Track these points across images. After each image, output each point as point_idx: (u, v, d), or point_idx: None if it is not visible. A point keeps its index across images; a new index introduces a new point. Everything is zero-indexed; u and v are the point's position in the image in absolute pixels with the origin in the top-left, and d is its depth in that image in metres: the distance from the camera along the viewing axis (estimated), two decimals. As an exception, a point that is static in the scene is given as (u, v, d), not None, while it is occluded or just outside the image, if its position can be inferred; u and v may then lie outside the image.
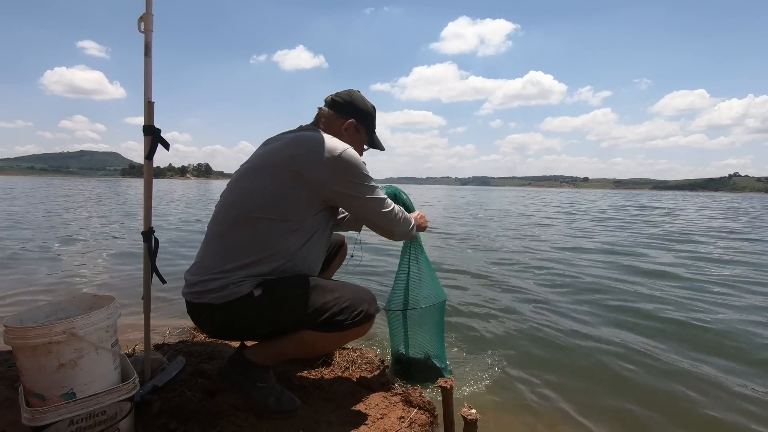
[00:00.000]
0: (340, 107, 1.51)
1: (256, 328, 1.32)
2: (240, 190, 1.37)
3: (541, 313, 2.96)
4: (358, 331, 1.33)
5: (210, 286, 1.26)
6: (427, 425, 1.39)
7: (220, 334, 1.38)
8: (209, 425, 1.29)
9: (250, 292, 1.24)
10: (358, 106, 1.53)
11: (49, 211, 10.65)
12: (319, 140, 1.32)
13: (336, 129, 1.48)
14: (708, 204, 26.71)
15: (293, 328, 1.30)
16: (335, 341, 1.35)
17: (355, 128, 1.51)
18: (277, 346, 1.33)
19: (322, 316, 1.27)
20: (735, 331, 2.61)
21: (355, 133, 1.52)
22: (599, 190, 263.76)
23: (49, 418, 1.03)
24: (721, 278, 4.16)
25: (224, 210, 1.37)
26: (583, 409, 1.72)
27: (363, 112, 1.54)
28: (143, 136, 1.36)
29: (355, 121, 1.51)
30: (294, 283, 1.30)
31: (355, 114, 1.52)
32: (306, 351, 1.38)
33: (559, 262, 4.88)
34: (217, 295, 1.25)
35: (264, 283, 1.27)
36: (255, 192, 1.32)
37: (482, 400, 1.76)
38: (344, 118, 1.50)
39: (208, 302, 1.26)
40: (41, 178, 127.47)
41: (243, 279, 1.26)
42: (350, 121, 1.50)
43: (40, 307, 1.24)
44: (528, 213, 13.92)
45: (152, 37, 1.36)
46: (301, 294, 1.27)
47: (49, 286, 3.46)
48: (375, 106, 1.59)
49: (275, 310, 1.27)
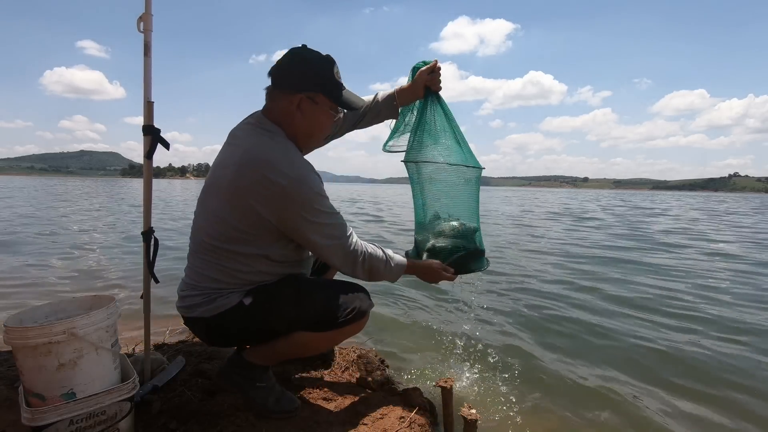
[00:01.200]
0: (282, 83, 1.24)
1: (251, 334, 1.32)
2: (205, 214, 1.25)
3: (540, 311, 2.96)
4: (352, 328, 1.30)
5: (197, 300, 1.25)
6: (427, 425, 1.39)
7: (217, 342, 1.38)
8: (209, 425, 1.29)
9: (240, 302, 1.23)
10: (300, 70, 1.23)
11: (50, 210, 10.65)
12: (267, 163, 1.15)
13: (287, 111, 1.24)
14: (699, 205, 26.60)
15: (287, 330, 1.29)
16: (330, 340, 1.33)
17: (309, 102, 1.24)
18: (274, 348, 1.33)
19: (313, 317, 1.25)
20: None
21: (312, 107, 1.24)
22: (599, 190, 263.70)
23: (49, 418, 1.03)
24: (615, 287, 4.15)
25: (195, 230, 1.29)
26: (584, 408, 1.73)
27: (311, 77, 1.23)
28: (143, 136, 1.36)
29: (303, 95, 1.23)
30: (283, 285, 1.27)
31: (303, 84, 1.23)
32: (301, 351, 1.37)
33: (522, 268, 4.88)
34: (207, 308, 1.23)
35: (253, 290, 1.25)
36: (215, 219, 1.21)
37: (482, 399, 1.76)
38: (291, 95, 1.23)
39: (199, 316, 1.25)
40: (42, 178, 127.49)
41: (231, 291, 1.24)
42: (298, 96, 1.22)
43: (39, 307, 1.24)
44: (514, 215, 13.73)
45: (152, 37, 1.36)
46: (291, 296, 1.25)
47: (48, 287, 3.46)
48: (329, 56, 1.25)
49: (267, 316, 1.25)
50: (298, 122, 1.25)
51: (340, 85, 1.27)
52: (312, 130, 1.29)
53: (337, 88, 1.27)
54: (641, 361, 2.20)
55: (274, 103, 1.26)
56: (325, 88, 1.25)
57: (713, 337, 2.54)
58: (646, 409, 1.73)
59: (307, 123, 1.26)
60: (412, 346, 2.33)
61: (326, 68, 1.24)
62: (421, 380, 1.92)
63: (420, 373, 2.00)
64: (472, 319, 2.81)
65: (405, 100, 1.58)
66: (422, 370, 2.03)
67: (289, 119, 1.25)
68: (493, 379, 1.95)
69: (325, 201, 1.22)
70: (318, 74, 1.23)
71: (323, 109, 1.27)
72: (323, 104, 1.26)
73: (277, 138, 1.23)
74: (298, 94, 1.23)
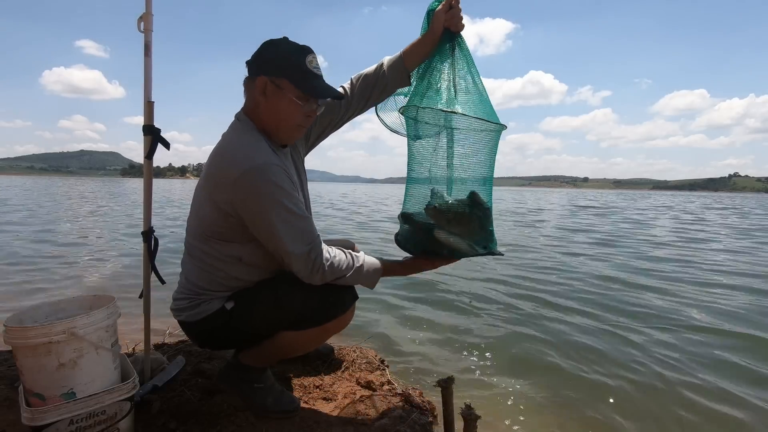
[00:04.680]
0: (250, 66, 1.20)
1: (237, 338, 1.32)
2: (190, 214, 1.28)
3: (541, 310, 2.96)
4: (335, 324, 1.28)
5: (183, 305, 1.27)
6: (427, 425, 1.39)
7: (206, 345, 1.40)
8: (209, 425, 1.29)
9: (222, 307, 1.24)
10: (267, 55, 1.18)
11: (50, 210, 10.65)
12: (224, 155, 1.16)
13: (254, 99, 1.21)
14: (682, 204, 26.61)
15: (271, 331, 1.28)
16: (315, 337, 1.32)
17: (274, 87, 1.17)
18: (263, 349, 1.33)
19: (294, 316, 1.24)
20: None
21: (276, 93, 1.17)
22: (599, 190, 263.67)
23: (49, 418, 1.03)
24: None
25: (186, 231, 1.31)
26: (584, 408, 1.72)
27: (274, 60, 1.17)
28: (143, 135, 1.37)
29: (267, 79, 1.17)
30: (263, 287, 1.26)
31: (268, 68, 1.17)
32: (289, 351, 1.36)
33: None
34: (191, 313, 1.25)
35: (235, 294, 1.25)
36: (195, 217, 1.25)
37: (482, 399, 1.76)
38: (257, 79, 1.18)
39: (185, 320, 1.28)
40: (42, 178, 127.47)
41: (212, 297, 1.25)
42: (263, 80, 1.17)
43: (39, 306, 1.24)
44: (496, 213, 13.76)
45: (152, 36, 1.36)
46: (270, 297, 1.24)
47: (47, 287, 3.46)
48: (306, 46, 1.19)
49: (249, 319, 1.25)
50: (263, 110, 1.20)
51: (311, 73, 1.18)
52: (278, 119, 1.21)
53: (306, 76, 1.18)
54: (644, 360, 2.20)
55: (247, 93, 1.24)
56: (290, 73, 1.17)
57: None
58: (652, 406, 1.73)
59: (272, 110, 1.19)
60: (412, 346, 2.33)
61: (295, 55, 1.17)
62: (421, 380, 1.92)
63: (420, 373, 2.00)
64: (473, 318, 2.81)
65: (417, 57, 1.34)
66: (422, 370, 2.03)
67: (256, 107, 1.21)
68: (493, 378, 1.95)
69: (284, 194, 1.13)
70: (285, 59, 1.17)
71: (288, 96, 1.18)
72: (288, 91, 1.17)
73: (245, 130, 1.21)
74: (264, 77, 1.17)
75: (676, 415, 1.70)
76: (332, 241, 1.72)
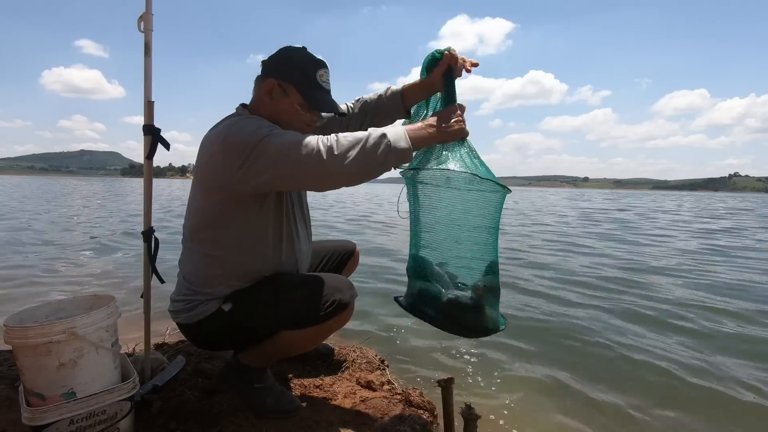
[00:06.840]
0: (264, 67, 1.25)
1: (236, 339, 1.32)
2: (186, 211, 1.29)
3: (541, 312, 2.96)
4: (334, 322, 1.26)
5: (179, 307, 1.27)
6: (427, 425, 1.39)
7: (206, 347, 1.40)
8: (209, 425, 1.29)
9: (219, 308, 1.23)
10: (282, 60, 1.23)
11: (50, 209, 10.66)
12: (213, 135, 1.17)
13: (260, 98, 1.25)
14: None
15: (270, 331, 1.28)
16: (315, 336, 1.31)
17: (281, 90, 1.21)
18: (263, 349, 1.32)
19: (292, 315, 1.24)
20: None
21: (281, 97, 1.22)
22: (599, 190, 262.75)
23: (50, 418, 1.03)
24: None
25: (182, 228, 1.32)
26: (585, 408, 1.73)
27: (287, 67, 1.21)
28: (143, 135, 1.37)
29: (276, 82, 1.21)
30: (262, 287, 1.26)
31: (277, 71, 1.22)
32: (289, 350, 1.36)
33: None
34: (187, 315, 1.25)
35: (232, 296, 1.24)
36: (190, 209, 1.26)
37: (482, 399, 1.77)
38: (266, 79, 1.23)
39: (182, 322, 1.28)
40: (42, 178, 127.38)
41: (209, 298, 1.24)
42: (272, 81, 1.21)
43: (39, 306, 1.24)
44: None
45: (152, 36, 1.36)
46: (270, 298, 1.24)
47: (47, 287, 3.46)
48: (321, 60, 1.24)
49: (247, 320, 1.25)
50: (266, 110, 1.23)
51: (320, 86, 1.23)
52: (277, 121, 1.20)
53: (314, 88, 1.22)
54: (647, 357, 2.20)
55: (255, 90, 1.28)
56: (299, 82, 1.21)
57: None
58: (655, 409, 1.73)
59: (273, 109, 1.23)
60: (412, 346, 2.33)
61: (309, 65, 1.22)
62: (422, 380, 1.92)
63: (420, 372, 2.00)
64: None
65: (415, 99, 1.40)
66: (422, 370, 2.03)
67: (260, 106, 1.25)
68: (494, 378, 1.95)
69: (271, 126, 1.12)
70: (298, 67, 1.21)
71: (291, 101, 1.22)
72: (293, 97, 1.21)
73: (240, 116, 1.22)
74: (273, 79, 1.21)
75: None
76: (332, 242, 1.72)
